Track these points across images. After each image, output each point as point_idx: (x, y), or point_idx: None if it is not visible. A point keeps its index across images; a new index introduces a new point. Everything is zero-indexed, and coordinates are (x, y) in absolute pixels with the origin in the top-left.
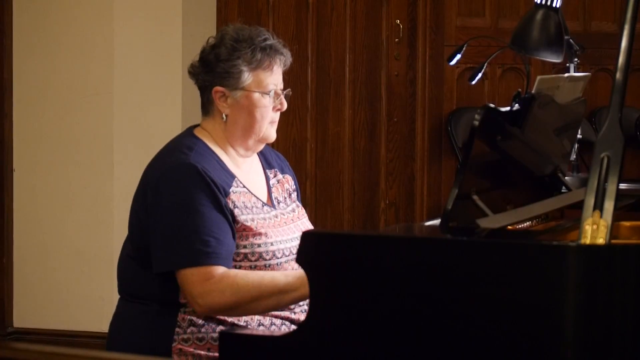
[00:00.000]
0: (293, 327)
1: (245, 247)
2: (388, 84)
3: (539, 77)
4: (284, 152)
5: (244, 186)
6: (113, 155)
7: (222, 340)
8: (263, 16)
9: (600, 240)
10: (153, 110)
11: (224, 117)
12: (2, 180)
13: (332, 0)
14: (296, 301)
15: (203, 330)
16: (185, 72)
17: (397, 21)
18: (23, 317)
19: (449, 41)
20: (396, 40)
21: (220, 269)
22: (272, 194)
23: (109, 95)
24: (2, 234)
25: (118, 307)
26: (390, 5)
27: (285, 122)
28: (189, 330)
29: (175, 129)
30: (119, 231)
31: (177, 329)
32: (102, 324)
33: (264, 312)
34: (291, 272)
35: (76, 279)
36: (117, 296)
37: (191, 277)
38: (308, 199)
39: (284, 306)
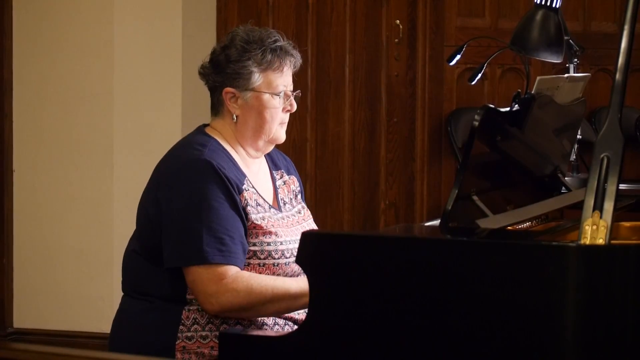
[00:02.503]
0: (296, 327)
1: (255, 244)
2: (388, 85)
3: (538, 78)
4: (284, 152)
5: (253, 187)
6: (113, 155)
7: (222, 340)
8: (263, 16)
9: (600, 241)
10: (153, 110)
11: (234, 118)
12: (2, 180)
13: (332, 0)
14: (306, 307)
15: (207, 328)
16: (185, 73)
17: (397, 22)
18: (23, 317)
19: (449, 41)
20: (396, 40)
21: (233, 269)
22: (279, 195)
23: (109, 96)
24: (2, 234)
25: (122, 304)
26: (390, 5)
27: None
28: (192, 328)
29: (175, 129)
30: (119, 231)
31: (180, 327)
32: (102, 324)
33: (273, 315)
34: (303, 279)
35: (76, 279)
36: (117, 296)
37: (205, 275)
38: (308, 199)
39: (293, 311)
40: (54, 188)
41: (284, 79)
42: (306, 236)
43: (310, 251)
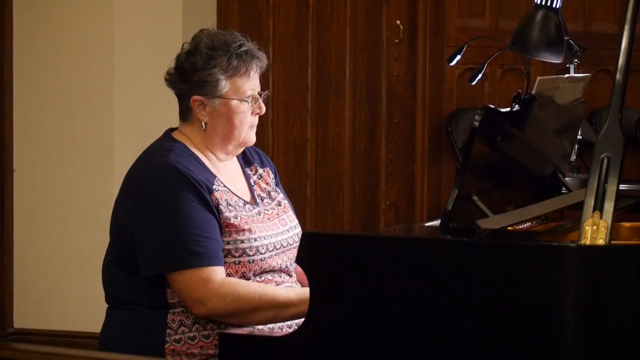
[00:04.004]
0: (285, 326)
1: (229, 243)
2: (388, 85)
3: (539, 78)
4: (284, 153)
5: (225, 186)
6: (113, 155)
7: (222, 340)
8: (263, 16)
9: (600, 241)
10: (153, 110)
11: (203, 125)
12: (3, 181)
13: (332, 0)
14: (293, 318)
15: (194, 329)
16: None
17: (398, 22)
18: (23, 317)
19: (449, 42)
20: (396, 41)
21: (218, 270)
22: (255, 192)
23: (109, 96)
24: (2, 235)
25: (107, 315)
26: (391, 6)
27: (286, 122)
28: (179, 331)
29: None
30: None
31: (168, 331)
32: (101, 325)
33: (260, 324)
34: (292, 289)
35: (76, 279)
36: None
37: (190, 280)
38: (308, 199)
39: (281, 321)
40: (54, 188)
41: (251, 83)
42: (306, 236)
43: (310, 251)
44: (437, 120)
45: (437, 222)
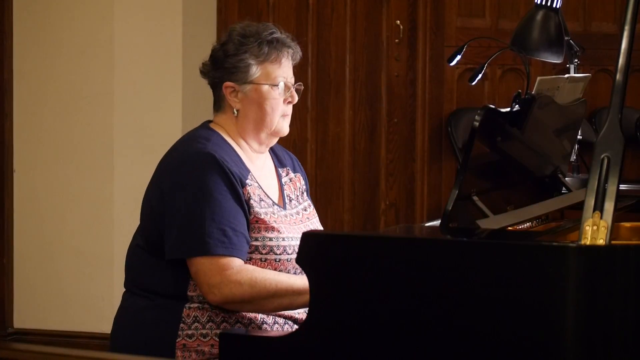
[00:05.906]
0: (296, 326)
1: (257, 239)
2: (388, 85)
3: (539, 78)
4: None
5: (257, 182)
6: (113, 155)
7: (223, 340)
8: (263, 16)
9: (601, 241)
10: (153, 110)
11: (235, 112)
12: (3, 181)
13: (332, 0)
14: (307, 305)
15: (207, 326)
16: (185, 73)
17: (397, 22)
18: (23, 317)
19: (449, 42)
20: (396, 41)
21: (237, 261)
22: (285, 192)
23: (109, 96)
24: (2, 234)
25: (123, 300)
26: (391, 5)
27: None
28: (193, 326)
29: (175, 130)
30: (119, 231)
31: (181, 325)
32: (102, 325)
33: (276, 311)
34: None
35: (76, 279)
36: (117, 296)
37: (209, 266)
38: None
39: (296, 308)
40: (54, 188)
41: (283, 71)
42: (306, 236)
43: (311, 251)
44: (437, 120)
45: (437, 222)
